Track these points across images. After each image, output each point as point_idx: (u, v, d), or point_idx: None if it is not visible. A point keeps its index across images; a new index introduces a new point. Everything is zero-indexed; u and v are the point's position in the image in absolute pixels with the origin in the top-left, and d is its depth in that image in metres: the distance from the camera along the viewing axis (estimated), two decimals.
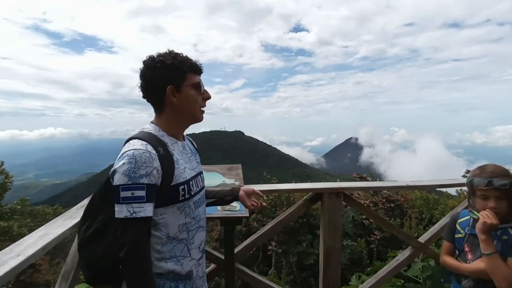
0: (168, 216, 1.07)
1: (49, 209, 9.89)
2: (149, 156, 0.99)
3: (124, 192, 0.96)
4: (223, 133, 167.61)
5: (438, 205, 4.41)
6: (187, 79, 1.13)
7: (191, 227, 1.15)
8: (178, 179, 1.08)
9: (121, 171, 0.97)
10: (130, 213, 0.95)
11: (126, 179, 0.96)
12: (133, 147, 1.01)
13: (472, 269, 1.37)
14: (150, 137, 1.07)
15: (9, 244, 1.32)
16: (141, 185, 0.96)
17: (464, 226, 1.45)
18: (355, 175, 4.61)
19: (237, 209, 1.88)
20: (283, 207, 4.05)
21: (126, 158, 0.98)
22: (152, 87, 1.12)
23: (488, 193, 1.32)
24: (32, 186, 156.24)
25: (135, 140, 1.05)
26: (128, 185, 0.96)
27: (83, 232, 1.12)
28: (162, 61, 1.09)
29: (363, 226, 3.87)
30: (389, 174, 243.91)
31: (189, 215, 1.14)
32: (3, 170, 7.69)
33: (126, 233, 0.96)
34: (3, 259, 1.16)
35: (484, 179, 1.32)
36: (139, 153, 0.98)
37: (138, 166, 0.97)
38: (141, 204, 0.96)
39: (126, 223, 0.96)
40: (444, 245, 1.56)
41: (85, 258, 1.10)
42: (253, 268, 4.02)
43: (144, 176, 0.97)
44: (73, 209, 1.85)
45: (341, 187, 2.16)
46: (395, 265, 2.33)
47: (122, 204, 0.96)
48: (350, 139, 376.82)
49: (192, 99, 1.15)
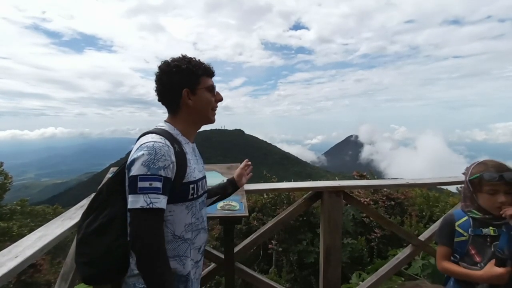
0: (177, 214, 1.08)
1: (49, 209, 9.91)
2: (167, 150, 1.02)
3: (142, 182, 0.96)
4: (223, 131, 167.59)
5: (438, 202, 4.41)
6: (201, 82, 1.18)
7: (195, 228, 1.16)
8: (189, 177, 1.11)
9: (140, 161, 0.98)
10: (147, 203, 0.95)
11: (145, 170, 0.97)
12: (152, 139, 1.02)
13: (487, 276, 1.26)
14: (166, 134, 1.10)
15: (9, 245, 1.32)
16: (159, 176, 0.97)
17: (466, 228, 1.37)
18: (355, 174, 4.61)
19: (236, 209, 1.87)
20: (283, 205, 4.05)
21: (145, 149, 0.99)
22: (169, 91, 1.16)
23: (498, 188, 1.29)
24: (33, 186, 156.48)
25: (153, 134, 1.07)
26: (147, 176, 0.96)
27: (85, 227, 1.10)
28: (178, 65, 1.14)
29: (364, 224, 3.87)
30: (389, 171, 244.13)
31: (195, 215, 1.16)
32: (3, 171, 7.69)
33: (142, 225, 0.95)
34: (1, 260, 1.15)
35: (494, 173, 1.29)
36: (159, 145, 1.01)
37: (157, 158, 0.98)
38: (157, 195, 0.97)
39: (142, 214, 0.95)
40: (440, 250, 1.44)
41: (85, 255, 1.07)
42: (253, 266, 4.03)
43: (162, 168, 0.98)
44: (72, 210, 1.85)
45: (341, 186, 2.16)
46: (396, 263, 2.33)
47: (139, 194, 0.96)
48: (351, 137, 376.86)
49: (207, 101, 1.20)
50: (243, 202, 1.92)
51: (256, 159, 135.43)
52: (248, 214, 1.92)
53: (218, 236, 4.23)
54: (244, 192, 2.01)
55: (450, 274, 1.41)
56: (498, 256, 1.24)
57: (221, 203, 1.87)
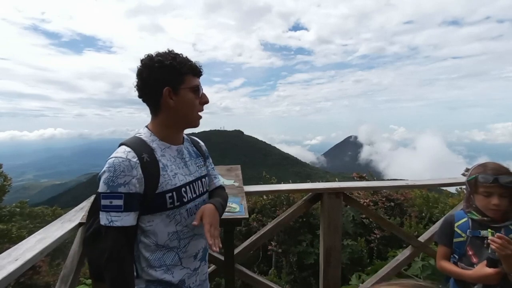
0: (157, 224, 1.04)
1: (48, 210, 9.89)
2: (128, 165, 0.97)
3: (104, 200, 0.97)
4: (223, 132, 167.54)
5: (438, 203, 4.41)
6: (185, 81, 1.08)
7: (183, 236, 1.10)
8: (164, 186, 1.04)
9: (102, 179, 0.98)
10: (108, 221, 0.96)
11: (105, 187, 0.97)
12: (115, 155, 1.00)
13: (477, 276, 1.29)
14: (137, 143, 1.05)
15: (9, 247, 1.31)
16: (118, 194, 0.96)
17: (465, 229, 1.39)
18: (354, 175, 4.61)
19: (236, 211, 1.87)
20: (283, 207, 4.05)
21: (106, 166, 0.98)
22: (149, 87, 1.08)
23: (492, 190, 1.30)
24: (32, 187, 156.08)
25: (121, 147, 1.04)
26: (107, 194, 0.97)
27: (86, 231, 1.13)
28: (161, 61, 1.04)
29: (363, 225, 3.87)
30: (388, 171, 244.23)
31: (181, 223, 1.09)
32: (2, 173, 7.67)
33: (106, 240, 0.97)
34: (1, 263, 1.15)
35: (489, 176, 1.30)
36: (118, 161, 0.98)
37: (116, 175, 0.96)
38: (118, 213, 0.96)
39: (106, 230, 0.97)
40: (439, 249, 1.48)
41: (87, 255, 1.16)
42: (253, 268, 4.02)
43: (122, 185, 0.96)
44: (72, 212, 1.85)
45: (340, 187, 2.16)
46: (395, 264, 2.33)
47: (103, 212, 0.98)
48: (350, 138, 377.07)
49: (190, 102, 1.10)
50: (243, 204, 1.92)
51: (255, 160, 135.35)
52: (248, 215, 1.92)
53: None
54: (244, 194, 2.01)
55: (446, 273, 1.45)
56: (490, 257, 1.27)
57: None
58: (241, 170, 2.24)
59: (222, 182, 2.10)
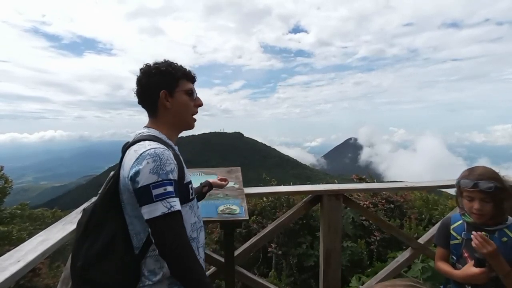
0: (184, 215, 1.04)
1: (48, 212, 9.87)
2: (169, 154, 1.02)
3: (156, 190, 0.94)
4: (222, 134, 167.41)
5: (437, 205, 4.41)
6: (180, 85, 1.18)
7: (197, 227, 1.18)
8: (187, 178, 1.13)
9: (147, 170, 0.95)
10: (168, 208, 0.94)
11: (155, 177, 0.95)
12: (150, 147, 1.00)
13: (464, 275, 1.33)
14: (158, 138, 1.10)
15: (9, 249, 1.32)
16: (169, 180, 0.98)
17: (460, 231, 1.42)
18: (354, 177, 4.62)
19: (237, 212, 1.88)
20: (283, 208, 4.06)
21: (148, 157, 0.97)
22: (147, 92, 1.17)
23: (474, 195, 1.33)
24: (31, 189, 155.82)
25: (145, 141, 1.04)
26: (159, 182, 0.95)
27: (86, 251, 1.00)
28: (157, 67, 1.15)
29: (363, 227, 3.87)
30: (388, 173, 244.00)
31: (196, 214, 1.18)
32: (3, 175, 7.67)
33: (167, 230, 0.94)
34: (3, 265, 1.16)
35: (470, 181, 1.33)
36: (160, 151, 1.00)
37: (163, 163, 0.98)
38: (174, 198, 0.97)
39: (165, 220, 0.94)
40: (437, 251, 1.53)
41: (95, 281, 0.99)
42: (253, 270, 4.02)
43: (170, 172, 0.99)
44: (73, 214, 1.85)
45: (340, 189, 2.17)
46: (395, 266, 2.34)
47: (156, 202, 0.94)
48: (350, 140, 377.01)
49: (184, 104, 1.20)
50: (243, 205, 1.93)
51: (255, 162, 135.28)
52: (248, 217, 1.93)
53: (217, 240, 4.22)
54: (244, 195, 2.02)
55: (442, 273, 1.49)
56: (476, 256, 1.29)
57: (221, 207, 1.88)
58: (241, 172, 2.25)
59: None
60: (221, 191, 1.99)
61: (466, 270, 1.33)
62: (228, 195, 2.00)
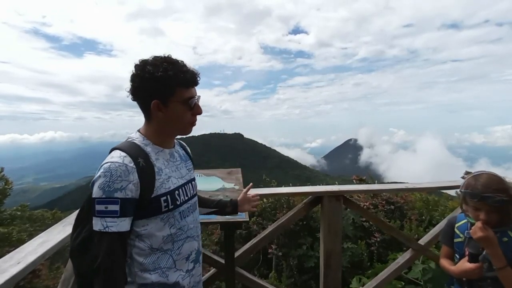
0: (151, 228, 1.05)
1: (47, 213, 9.86)
2: (125, 170, 0.97)
3: (98, 206, 0.96)
4: (222, 135, 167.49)
5: (438, 206, 4.41)
6: (175, 94, 1.06)
7: (176, 238, 1.12)
8: (159, 190, 1.05)
9: (97, 184, 0.97)
10: (104, 227, 0.95)
11: (100, 193, 0.95)
12: (110, 160, 0.99)
13: (459, 271, 1.36)
14: (132, 148, 1.05)
15: (9, 250, 1.32)
16: (115, 199, 0.95)
17: (463, 230, 1.44)
18: (354, 178, 4.61)
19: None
20: (283, 210, 4.05)
21: (102, 171, 0.97)
22: (139, 97, 1.09)
23: (480, 206, 1.32)
24: (31, 190, 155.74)
25: (115, 151, 1.03)
26: (103, 199, 0.95)
27: (73, 241, 1.10)
28: (151, 72, 1.02)
29: (363, 228, 3.87)
30: (388, 174, 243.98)
31: (174, 226, 1.11)
32: (3, 176, 7.67)
33: (99, 246, 0.95)
34: (3, 266, 1.16)
35: (476, 194, 1.31)
36: (115, 166, 0.97)
37: (113, 180, 0.96)
38: (114, 218, 0.95)
39: (100, 236, 0.95)
40: (442, 248, 1.56)
41: (76, 267, 1.09)
42: (253, 271, 4.02)
43: (118, 190, 0.96)
44: (73, 215, 1.85)
45: (340, 190, 2.17)
46: (396, 267, 2.33)
47: (97, 217, 0.96)
48: (350, 140, 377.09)
49: (179, 115, 1.10)
50: None
51: (255, 163, 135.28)
52: (248, 219, 1.93)
53: (218, 241, 4.22)
54: None
55: (445, 270, 1.51)
56: (470, 252, 1.32)
57: None
58: (241, 173, 2.25)
59: (222, 185, 2.12)
60: (221, 193, 1.99)
61: (460, 265, 1.36)
62: (228, 196, 2.00)
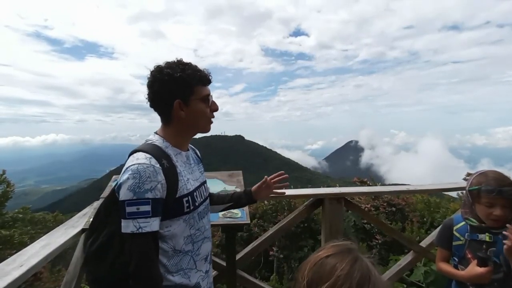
0: (174, 229, 1.06)
1: (49, 216, 9.87)
2: (153, 171, 0.98)
3: (129, 208, 0.96)
4: (224, 137, 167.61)
5: (439, 208, 4.40)
6: (195, 92, 1.12)
7: (196, 239, 1.15)
8: (182, 191, 1.08)
9: (126, 186, 0.97)
10: (136, 228, 0.95)
11: (131, 194, 0.96)
12: (137, 161, 1.00)
13: (469, 275, 1.35)
14: (154, 150, 1.06)
15: (11, 253, 1.33)
16: (146, 200, 0.96)
17: (463, 233, 1.43)
18: (355, 180, 4.61)
19: (238, 216, 1.88)
20: (284, 212, 4.05)
21: (130, 173, 0.98)
22: (160, 100, 1.12)
23: (495, 201, 1.32)
24: (33, 193, 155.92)
25: (139, 153, 1.03)
26: (134, 200, 0.96)
27: (89, 246, 1.10)
28: (170, 74, 1.07)
29: (365, 230, 3.86)
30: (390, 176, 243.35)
31: (194, 227, 1.14)
32: (5, 179, 7.68)
33: (133, 248, 0.96)
34: (6, 269, 1.16)
35: (493, 187, 1.31)
36: (143, 167, 0.98)
37: (142, 181, 0.96)
38: (146, 219, 0.96)
39: (132, 238, 0.96)
40: (439, 252, 1.54)
41: (91, 272, 1.08)
42: (254, 273, 4.01)
43: (149, 190, 0.97)
44: (75, 218, 1.86)
45: (342, 193, 2.17)
46: (397, 269, 2.33)
47: (128, 220, 0.96)
48: (351, 142, 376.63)
49: (201, 112, 1.14)
50: (245, 209, 1.93)
51: (256, 165, 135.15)
52: (249, 221, 1.93)
53: (219, 243, 4.21)
54: None
55: (444, 274, 1.50)
56: (480, 256, 1.32)
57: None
58: (242, 175, 2.26)
59: (224, 187, 2.12)
60: None
61: (470, 270, 1.35)
62: None
